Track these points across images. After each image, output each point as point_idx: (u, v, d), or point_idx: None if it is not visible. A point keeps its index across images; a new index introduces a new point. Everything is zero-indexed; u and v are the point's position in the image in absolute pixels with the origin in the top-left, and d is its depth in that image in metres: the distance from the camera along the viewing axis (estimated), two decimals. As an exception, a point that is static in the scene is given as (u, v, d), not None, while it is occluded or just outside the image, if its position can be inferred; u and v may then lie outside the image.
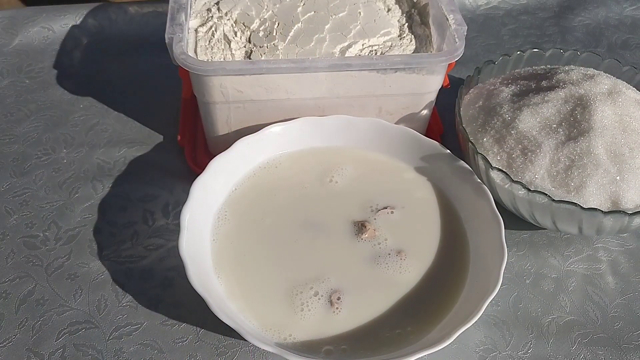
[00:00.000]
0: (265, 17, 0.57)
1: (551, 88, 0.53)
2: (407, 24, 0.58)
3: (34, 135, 0.63)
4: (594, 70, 0.57)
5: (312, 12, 0.57)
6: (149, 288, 0.51)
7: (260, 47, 0.55)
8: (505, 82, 0.58)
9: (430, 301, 0.47)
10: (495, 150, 0.52)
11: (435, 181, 0.54)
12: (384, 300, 0.47)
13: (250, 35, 0.56)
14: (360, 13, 0.58)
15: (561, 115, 0.51)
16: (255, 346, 0.43)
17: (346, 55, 0.55)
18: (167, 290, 0.51)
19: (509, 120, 0.52)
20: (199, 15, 0.57)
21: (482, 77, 0.59)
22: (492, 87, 0.57)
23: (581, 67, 0.58)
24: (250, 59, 0.54)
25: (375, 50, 0.56)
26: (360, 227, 0.50)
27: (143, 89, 0.69)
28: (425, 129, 0.60)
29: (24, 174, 0.59)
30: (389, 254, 0.49)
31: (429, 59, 0.52)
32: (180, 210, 0.47)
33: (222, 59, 0.54)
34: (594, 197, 0.49)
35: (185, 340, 0.48)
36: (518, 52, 0.60)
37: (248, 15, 0.57)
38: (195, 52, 0.53)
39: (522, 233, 0.56)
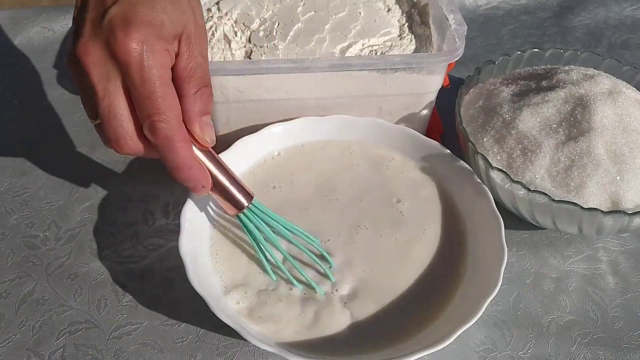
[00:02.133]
0: (265, 17, 0.57)
1: (551, 88, 0.53)
2: (407, 24, 0.58)
3: (34, 135, 0.63)
4: (594, 70, 0.57)
5: (312, 12, 0.57)
6: (149, 288, 0.51)
7: (260, 47, 0.55)
8: (505, 82, 0.58)
9: (430, 301, 0.47)
10: (495, 150, 0.52)
11: (435, 181, 0.54)
12: (384, 300, 0.47)
13: (250, 35, 0.56)
14: (360, 13, 0.58)
15: (561, 115, 0.51)
16: (255, 346, 0.43)
17: (346, 55, 0.55)
18: (167, 290, 0.51)
19: (509, 120, 0.52)
20: (199, 15, 0.57)
21: (482, 77, 0.59)
22: (492, 87, 0.57)
23: (581, 67, 0.58)
24: (250, 59, 0.54)
25: (375, 50, 0.56)
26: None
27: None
28: (425, 129, 0.60)
29: (24, 174, 0.59)
30: (389, 254, 0.49)
31: (429, 59, 0.52)
32: (180, 210, 0.47)
33: (222, 59, 0.54)
34: (594, 197, 0.49)
35: (185, 340, 0.48)
36: (518, 52, 0.60)
37: (248, 15, 0.57)
38: (195, 52, 0.53)
39: (522, 233, 0.56)
